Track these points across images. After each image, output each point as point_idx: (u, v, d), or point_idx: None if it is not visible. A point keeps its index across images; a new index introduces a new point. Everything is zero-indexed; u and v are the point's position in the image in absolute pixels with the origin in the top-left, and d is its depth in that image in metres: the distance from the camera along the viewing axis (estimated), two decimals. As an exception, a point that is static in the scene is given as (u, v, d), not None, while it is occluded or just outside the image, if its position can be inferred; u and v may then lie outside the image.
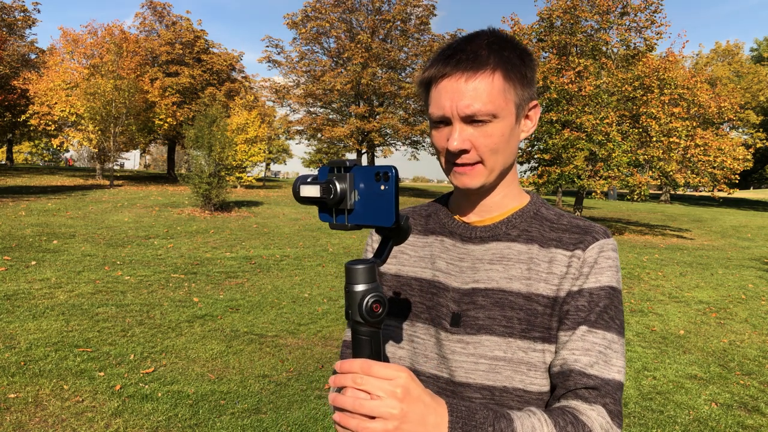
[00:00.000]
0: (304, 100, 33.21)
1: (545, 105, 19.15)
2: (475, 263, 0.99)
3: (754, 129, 40.25)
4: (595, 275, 0.93)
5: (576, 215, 1.04)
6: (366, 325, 0.75)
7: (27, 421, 3.51)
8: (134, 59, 24.68)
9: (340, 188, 0.74)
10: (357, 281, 0.75)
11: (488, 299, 0.95)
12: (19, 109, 27.95)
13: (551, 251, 0.97)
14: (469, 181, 0.95)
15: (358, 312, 0.74)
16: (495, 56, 0.92)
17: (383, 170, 0.72)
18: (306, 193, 0.76)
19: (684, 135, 17.55)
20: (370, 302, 0.74)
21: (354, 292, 0.74)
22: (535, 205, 1.05)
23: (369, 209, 0.74)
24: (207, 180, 15.71)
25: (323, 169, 0.77)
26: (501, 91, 0.92)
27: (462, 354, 0.94)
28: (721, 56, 45.28)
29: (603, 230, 0.98)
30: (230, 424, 3.62)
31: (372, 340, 0.76)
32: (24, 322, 5.42)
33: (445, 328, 0.96)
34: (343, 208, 0.75)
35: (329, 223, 0.77)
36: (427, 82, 0.96)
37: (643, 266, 10.95)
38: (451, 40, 1.02)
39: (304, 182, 0.76)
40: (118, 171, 38.47)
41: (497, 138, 0.93)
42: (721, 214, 26.96)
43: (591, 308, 0.92)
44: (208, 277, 8.03)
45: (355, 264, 0.75)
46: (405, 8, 31.61)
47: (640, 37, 20.71)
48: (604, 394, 0.87)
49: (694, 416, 4.06)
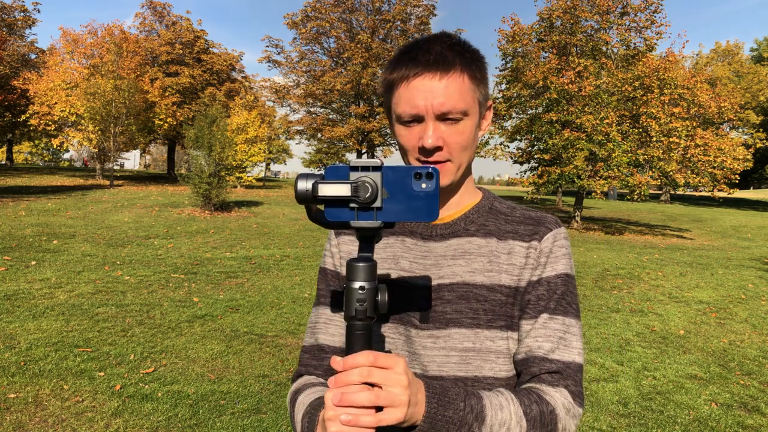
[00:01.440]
0: (304, 100, 33.22)
1: (545, 105, 19.17)
2: (438, 260, 1.02)
3: (754, 129, 40.24)
4: (551, 264, 1.00)
5: (526, 207, 1.09)
6: (367, 320, 0.76)
7: (27, 421, 3.51)
8: (134, 59, 24.68)
9: (373, 186, 0.74)
10: (368, 278, 0.75)
11: (454, 293, 0.99)
12: (19, 109, 27.95)
13: (509, 243, 1.02)
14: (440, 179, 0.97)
15: (373, 307, 0.75)
16: (459, 57, 0.97)
17: (425, 170, 0.76)
18: (328, 192, 0.74)
19: (684, 135, 17.55)
20: (383, 297, 0.76)
21: (368, 289, 0.75)
22: (489, 200, 1.10)
23: (405, 206, 0.76)
24: (207, 180, 15.71)
25: (334, 169, 0.76)
26: (469, 90, 0.97)
27: (433, 349, 0.98)
28: (721, 56, 45.28)
29: (554, 220, 1.05)
30: (230, 424, 3.62)
31: (368, 333, 0.76)
32: (24, 322, 5.42)
33: (415, 325, 0.99)
34: (373, 206, 0.75)
35: (347, 221, 0.76)
36: (395, 81, 0.98)
37: (643, 266, 10.95)
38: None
39: (321, 181, 0.75)
40: (118, 171, 38.47)
41: (467, 135, 0.97)
42: (721, 214, 26.96)
43: (550, 296, 0.98)
44: (208, 277, 8.04)
45: (358, 261, 0.75)
46: (405, 8, 31.62)
47: (640, 37, 20.72)
48: (566, 377, 0.94)
49: (694, 416, 4.06)
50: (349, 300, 0.75)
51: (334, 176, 0.76)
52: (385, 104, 1.04)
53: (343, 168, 0.76)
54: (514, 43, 20.44)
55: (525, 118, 20.27)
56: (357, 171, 0.75)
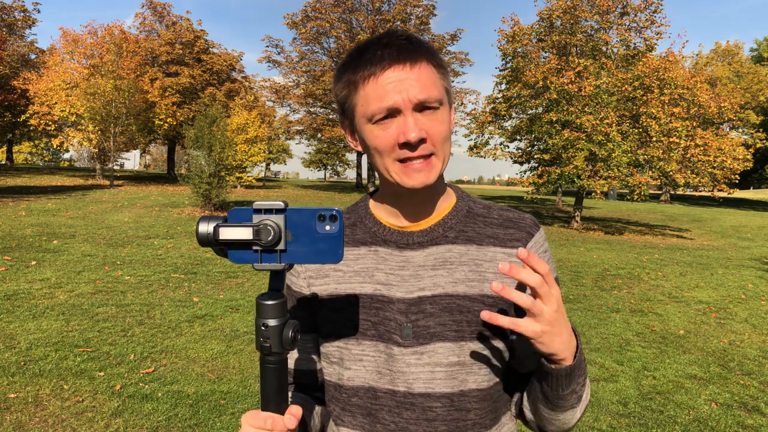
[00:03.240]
0: (304, 100, 33.22)
1: (545, 105, 19.16)
2: (418, 270, 0.96)
3: (754, 129, 40.23)
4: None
5: (503, 206, 1.05)
6: (274, 355, 0.78)
7: (27, 421, 3.51)
8: (134, 59, 24.69)
9: (276, 229, 0.75)
10: (275, 315, 0.77)
11: (436, 306, 0.93)
12: (19, 109, 27.97)
13: (490, 249, 0.97)
14: (426, 177, 0.91)
15: (279, 344, 0.77)
16: (421, 48, 0.92)
17: (329, 212, 0.75)
18: (229, 236, 0.75)
19: (684, 135, 17.55)
20: (290, 333, 0.77)
21: (273, 327, 0.77)
22: (464, 201, 1.04)
23: (309, 249, 0.76)
24: (207, 180, 15.71)
25: (237, 211, 0.77)
26: (438, 79, 0.93)
27: (418, 365, 0.93)
28: (721, 56, 45.26)
29: (533, 222, 1.02)
30: (230, 424, 3.62)
31: (281, 366, 0.79)
32: (24, 322, 5.42)
33: (397, 342, 0.94)
34: (277, 248, 0.76)
35: (251, 264, 0.77)
36: (358, 80, 0.91)
37: (643, 266, 10.96)
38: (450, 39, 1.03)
39: (222, 225, 0.75)
40: (118, 171, 38.47)
41: (446, 125, 0.93)
42: (721, 214, 26.96)
43: None
44: (208, 277, 8.04)
45: (266, 299, 0.77)
46: (405, 8, 31.60)
47: (640, 37, 20.72)
48: None
49: (694, 416, 4.06)
50: (257, 336, 0.77)
51: (236, 219, 0.76)
52: (346, 109, 0.96)
53: (247, 210, 0.76)
54: (514, 43, 20.43)
55: (525, 118, 20.27)
56: (260, 213, 0.76)
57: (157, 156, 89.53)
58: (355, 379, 0.97)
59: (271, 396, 0.79)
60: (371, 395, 0.95)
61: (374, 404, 0.95)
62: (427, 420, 0.92)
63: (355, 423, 0.97)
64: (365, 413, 0.96)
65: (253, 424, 0.78)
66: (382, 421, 0.94)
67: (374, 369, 0.95)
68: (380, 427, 0.94)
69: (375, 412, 0.95)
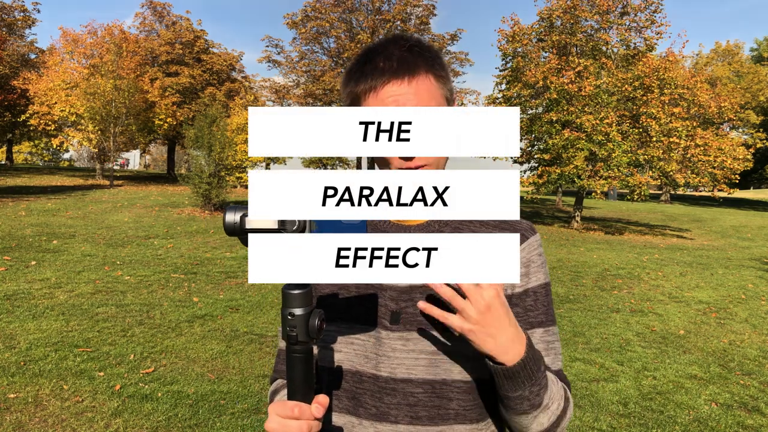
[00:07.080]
0: (304, 100, 33.20)
1: (545, 105, 19.16)
2: None
3: (754, 129, 40.23)
4: (534, 274, 1.02)
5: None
6: (300, 344, 0.79)
7: (27, 421, 3.51)
8: (134, 59, 24.68)
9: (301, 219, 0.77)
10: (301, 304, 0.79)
11: (425, 295, 0.98)
12: (19, 109, 27.93)
13: None
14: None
15: (305, 333, 0.78)
16: (421, 59, 0.97)
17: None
18: (255, 225, 0.77)
19: (684, 135, 17.55)
20: (317, 322, 0.79)
21: (300, 315, 0.78)
22: None
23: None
24: (207, 180, 15.70)
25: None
26: (437, 89, 0.98)
27: (403, 351, 0.97)
28: (721, 56, 45.25)
29: (529, 226, 1.06)
30: (230, 424, 3.62)
31: (306, 356, 0.80)
32: (24, 322, 5.42)
33: (385, 326, 0.98)
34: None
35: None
36: (360, 94, 0.97)
37: (643, 266, 10.95)
38: (450, 39, 1.04)
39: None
40: (118, 171, 38.46)
41: None
42: (721, 214, 26.96)
43: (537, 307, 1.01)
44: (208, 277, 8.04)
45: (292, 288, 0.79)
46: (405, 8, 31.58)
47: (640, 37, 20.70)
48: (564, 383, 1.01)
49: (694, 416, 4.06)
50: (283, 325, 0.79)
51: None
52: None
53: None
54: (514, 43, 20.41)
55: (525, 118, 20.25)
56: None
57: (157, 156, 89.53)
58: (344, 362, 1.01)
59: (298, 385, 0.80)
60: (357, 379, 1.00)
61: (358, 388, 0.99)
62: (409, 405, 0.96)
63: (341, 406, 1.01)
64: (350, 396, 1.00)
65: (281, 413, 0.81)
66: (364, 405, 0.99)
67: (362, 353, 0.99)
68: (362, 411, 0.99)
69: (359, 395, 0.99)
